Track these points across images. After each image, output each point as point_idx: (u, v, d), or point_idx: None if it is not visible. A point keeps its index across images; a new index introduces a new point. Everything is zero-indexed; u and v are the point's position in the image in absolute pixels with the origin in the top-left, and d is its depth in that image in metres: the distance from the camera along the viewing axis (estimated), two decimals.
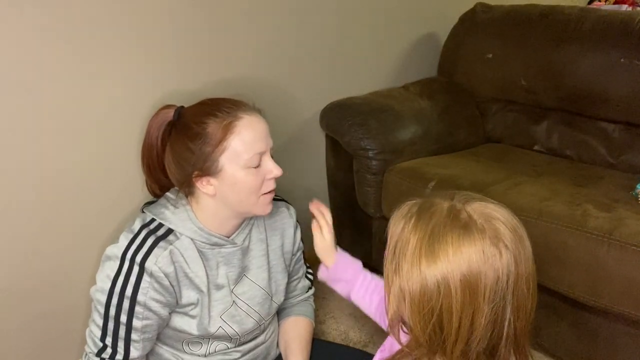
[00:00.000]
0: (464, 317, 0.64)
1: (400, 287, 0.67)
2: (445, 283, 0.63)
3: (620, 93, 1.58)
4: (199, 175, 0.97)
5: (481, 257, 0.63)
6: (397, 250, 0.68)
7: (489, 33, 1.87)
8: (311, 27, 1.61)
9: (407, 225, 0.68)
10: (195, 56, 1.34)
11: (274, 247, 1.16)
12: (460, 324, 0.64)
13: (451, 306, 0.64)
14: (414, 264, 0.65)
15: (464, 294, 0.63)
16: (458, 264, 0.63)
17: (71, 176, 1.21)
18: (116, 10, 1.16)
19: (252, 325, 1.11)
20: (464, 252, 0.63)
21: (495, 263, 0.64)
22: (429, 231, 0.66)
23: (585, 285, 1.22)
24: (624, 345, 1.26)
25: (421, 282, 0.65)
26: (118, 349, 0.98)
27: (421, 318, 0.66)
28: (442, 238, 0.64)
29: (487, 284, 0.63)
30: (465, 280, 0.63)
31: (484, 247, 0.64)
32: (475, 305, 0.64)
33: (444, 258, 0.64)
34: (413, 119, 1.69)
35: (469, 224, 0.65)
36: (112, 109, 1.22)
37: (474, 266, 0.63)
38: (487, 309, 0.64)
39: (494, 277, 0.64)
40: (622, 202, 1.33)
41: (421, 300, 0.65)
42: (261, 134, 0.98)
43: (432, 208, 0.69)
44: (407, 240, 0.67)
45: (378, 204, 1.61)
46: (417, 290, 0.65)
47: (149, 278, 0.96)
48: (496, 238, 0.64)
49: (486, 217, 0.66)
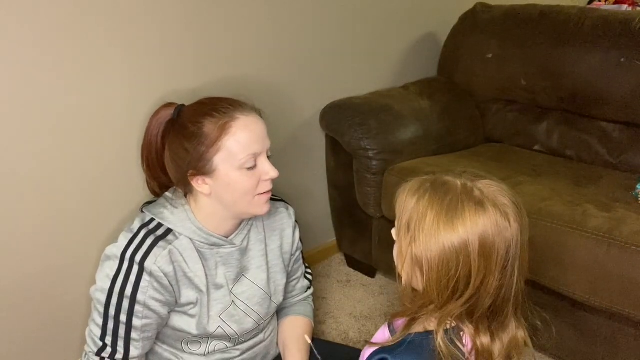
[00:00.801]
0: (477, 280, 0.72)
1: (417, 256, 0.74)
2: (465, 251, 0.71)
3: (620, 93, 1.58)
4: (193, 174, 0.98)
5: (495, 228, 0.71)
6: (413, 223, 0.74)
7: (489, 33, 1.86)
8: (311, 27, 1.61)
9: (421, 199, 0.74)
10: (196, 56, 1.34)
11: (272, 248, 1.16)
12: (473, 285, 0.72)
13: (469, 271, 0.71)
14: (432, 235, 0.72)
15: (480, 260, 0.71)
16: (476, 234, 0.71)
17: (70, 176, 1.21)
18: (118, 8, 1.16)
19: (251, 325, 1.11)
20: (479, 223, 0.71)
21: (506, 233, 0.72)
22: (445, 205, 0.72)
23: (585, 285, 1.22)
24: (624, 345, 1.26)
25: (440, 251, 0.71)
26: (118, 348, 0.98)
27: (438, 283, 0.73)
28: (459, 211, 0.71)
29: (500, 252, 0.72)
30: (482, 248, 0.71)
31: (497, 219, 0.72)
32: (487, 270, 0.72)
33: (462, 229, 0.71)
34: (413, 119, 1.69)
35: (482, 200, 0.73)
36: (111, 109, 1.22)
37: (489, 236, 0.71)
38: (498, 273, 0.72)
39: (505, 246, 0.72)
40: (622, 202, 1.33)
41: (440, 268, 0.72)
42: (258, 135, 0.98)
43: (446, 185, 0.75)
44: (423, 213, 0.73)
45: (378, 204, 1.61)
46: (437, 258, 0.72)
47: (148, 277, 0.96)
48: (505, 212, 0.73)
49: (495, 194, 0.74)
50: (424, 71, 2.04)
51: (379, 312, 1.69)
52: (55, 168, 1.18)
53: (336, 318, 1.66)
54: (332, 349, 1.26)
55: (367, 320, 1.65)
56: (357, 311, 1.70)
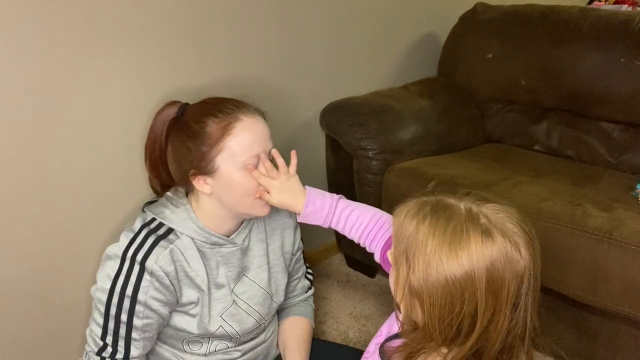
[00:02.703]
0: (485, 318, 0.64)
1: (416, 289, 0.66)
2: (471, 286, 0.63)
3: (620, 93, 1.59)
4: (195, 173, 0.98)
5: (505, 260, 0.63)
6: (412, 252, 0.66)
7: (489, 33, 1.87)
8: (311, 27, 1.61)
9: (420, 225, 0.67)
10: (197, 55, 1.34)
11: (273, 247, 1.16)
12: (481, 325, 0.64)
13: (474, 308, 0.64)
14: (433, 266, 0.64)
15: (488, 296, 0.63)
16: (483, 266, 0.63)
17: (71, 175, 1.21)
18: (123, 7, 1.16)
19: (252, 324, 1.11)
20: (487, 255, 0.63)
21: (518, 266, 0.64)
22: (448, 234, 0.65)
23: (585, 285, 1.22)
24: (624, 345, 1.26)
25: (443, 284, 0.64)
26: (118, 348, 0.98)
27: (440, 319, 0.65)
28: (464, 241, 0.64)
29: (511, 288, 0.64)
30: (489, 283, 0.63)
31: (507, 250, 0.64)
32: (497, 307, 0.64)
33: (467, 261, 0.63)
34: (413, 119, 1.69)
35: (490, 229, 0.65)
36: (113, 108, 1.22)
37: (499, 269, 0.63)
38: (509, 312, 0.64)
39: (517, 280, 0.64)
40: (622, 202, 1.33)
41: (442, 303, 0.64)
42: (260, 136, 0.98)
43: (448, 210, 0.67)
44: (422, 242, 0.66)
45: (378, 204, 1.61)
46: (439, 292, 0.64)
47: (149, 277, 0.96)
48: (516, 243, 0.65)
49: (503, 221, 0.66)
50: (424, 71, 2.04)
51: (379, 312, 1.69)
52: (56, 167, 1.18)
53: (336, 318, 1.66)
54: (332, 349, 1.27)
55: (367, 320, 1.65)
56: (357, 311, 1.70)
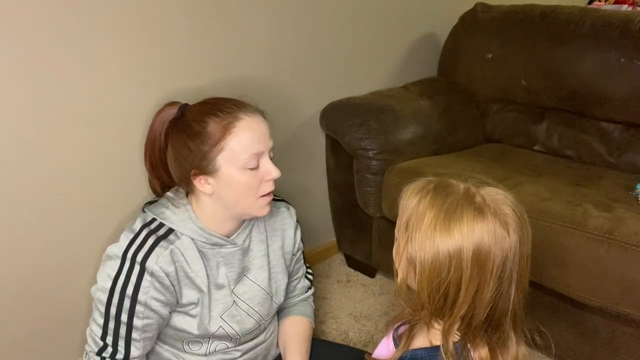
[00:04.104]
0: (470, 288, 0.70)
1: (411, 256, 0.72)
2: (458, 256, 0.69)
3: (620, 93, 1.58)
4: (196, 173, 0.98)
5: (492, 237, 0.69)
6: (411, 223, 0.73)
7: (489, 33, 1.87)
8: (311, 27, 1.61)
9: (422, 200, 0.73)
10: (197, 55, 1.34)
11: (274, 248, 1.16)
12: (466, 294, 0.70)
13: (460, 278, 0.70)
14: (428, 236, 0.70)
15: (473, 268, 0.69)
16: (471, 241, 0.69)
17: (71, 175, 1.21)
18: (122, 7, 1.16)
19: (252, 325, 1.11)
20: (476, 230, 0.69)
21: (504, 244, 0.70)
22: (444, 208, 0.71)
23: (585, 285, 1.22)
24: (624, 345, 1.26)
25: (433, 254, 0.70)
26: (119, 348, 0.98)
27: (429, 285, 0.71)
28: (457, 216, 0.70)
29: (495, 262, 0.69)
30: (476, 256, 0.69)
31: (495, 228, 0.70)
32: (481, 279, 0.70)
33: (458, 234, 0.69)
34: (413, 119, 1.69)
35: (483, 207, 0.71)
36: (113, 108, 1.22)
37: (485, 244, 0.69)
38: (493, 283, 0.70)
39: (502, 256, 0.70)
40: (622, 202, 1.33)
41: (431, 270, 0.70)
42: (260, 135, 0.98)
43: (449, 188, 0.74)
44: (422, 214, 0.72)
45: (378, 204, 1.61)
46: (429, 260, 0.70)
47: (149, 277, 0.96)
48: (505, 222, 0.71)
49: (497, 202, 0.72)
50: (424, 71, 2.04)
51: (379, 312, 1.69)
52: (56, 168, 1.18)
53: (336, 318, 1.66)
54: (332, 349, 1.27)
55: (367, 320, 1.66)
56: (357, 311, 1.70)
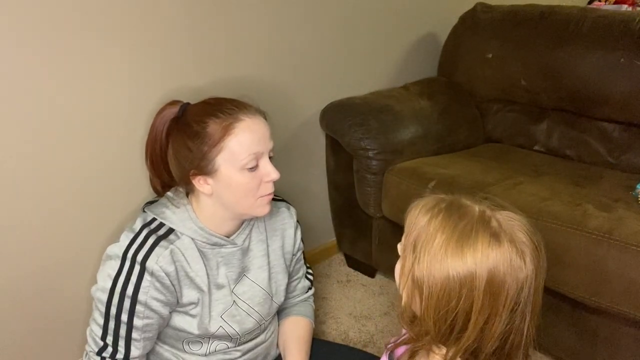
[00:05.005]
0: (480, 319, 0.65)
1: (418, 278, 0.68)
2: (469, 284, 0.64)
3: (620, 93, 1.58)
4: (195, 173, 0.98)
5: (508, 266, 0.65)
6: (420, 243, 0.68)
7: (489, 33, 1.87)
8: (311, 27, 1.61)
9: (433, 219, 0.68)
10: (197, 55, 1.34)
11: (274, 248, 1.16)
12: (475, 325, 0.65)
13: (470, 307, 0.65)
14: (438, 259, 0.66)
15: (485, 298, 0.64)
16: (485, 267, 0.64)
17: (71, 175, 1.21)
18: (123, 7, 1.16)
19: (253, 325, 1.11)
20: (491, 257, 0.64)
21: (520, 274, 0.65)
22: (458, 231, 0.66)
23: (585, 285, 1.22)
24: (624, 345, 1.26)
25: (443, 278, 0.65)
26: (119, 348, 0.98)
27: (436, 313, 0.67)
28: (472, 240, 0.65)
29: (510, 293, 0.65)
30: (489, 284, 0.64)
31: (512, 257, 0.65)
32: (492, 310, 0.65)
33: (471, 259, 0.64)
34: (413, 119, 1.69)
35: (499, 233, 0.66)
36: (113, 108, 1.22)
37: (500, 273, 0.64)
38: (505, 316, 0.65)
39: (517, 287, 0.65)
40: (622, 202, 1.33)
41: (440, 297, 0.66)
42: (260, 136, 0.98)
43: (462, 209, 0.69)
44: (432, 234, 0.67)
45: (378, 204, 1.61)
46: (438, 285, 0.66)
47: (150, 277, 0.96)
48: (522, 251, 0.66)
49: (513, 229, 0.67)
50: (424, 71, 2.04)
51: (379, 312, 1.69)
52: (57, 167, 1.18)
53: (336, 318, 1.66)
54: (332, 349, 1.27)
55: (367, 320, 1.66)
56: (357, 311, 1.70)
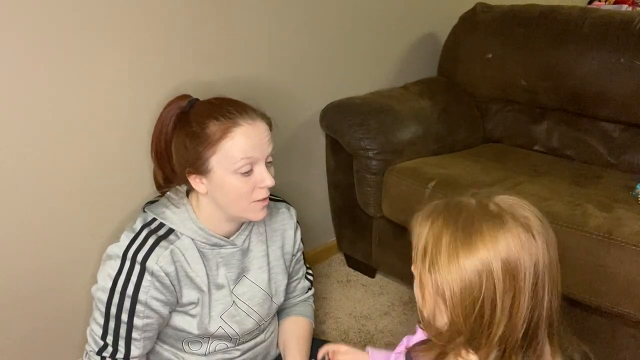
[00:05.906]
0: (506, 302, 0.65)
1: (437, 284, 0.67)
2: (487, 271, 0.64)
3: (620, 93, 1.59)
4: (190, 172, 0.98)
5: (518, 243, 0.65)
6: (429, 248, 0.68)
7: (489, 33, 1.87)
8: (311, 27, 1.61)
9: (435, 222, 0.69)
10: (197, 56, 1.34)
11: (274, 248, 1.16)
12: (502, 309, 0.65)
13: (494, 293, 0.65)
14: (450, 257, 0.66)
15: (505, 279, 0.64)
16: (497, 251, 0.64)
17: (72, 175, 1.21)
18: (125, 6, 1.16)
19: (252, 325, 1.11)
20: (500, 239, 0.64)
21: (532, 248, 0.65)
22: (460, 224, 0.66)
23: (585, 285, 1.22)
24: (624, 345, 1.26)
25: (461, 274, 0.65)
26: (119, 348, 0.98)
27: (463, 309, 0.66)
28: (476, 229, 0.65)
29: (527, 268, 0.65)
30: (505, 266, 0.64)
31: (519, 233, 0.65)
32: (516, 289, 0.65)
33: (482, 247, 0.64)
34: (413, 119, 1.69)
35: (501, 214, 0.67)
36: (114, 107, 1.22)
37: (513, 252, 0.64)
38: (528, 293, 0.65)
39: (532, 261, 0.65)
40: (622, 202, 1.33)
41: (462, 292, 0.65)
42: (257, 142, 0.97)
43: (459, 204, 0.70)
44: (438, 236, 0.67)
45: (378, 204, 1.61)
46: (458, 282, 0.65)
47: (150, 277, 0.96)
48: (528, 225, 0.66)
49: (513, 207, 0.68)
50: (424, 71, 2.04)
51: (379, 312, 1.69)
52: (57, 167, 1.18)
53: (336, 318, 1.66)
54: None
55: (367, 320, 1.66)
56: (357, 311, 1.70)
